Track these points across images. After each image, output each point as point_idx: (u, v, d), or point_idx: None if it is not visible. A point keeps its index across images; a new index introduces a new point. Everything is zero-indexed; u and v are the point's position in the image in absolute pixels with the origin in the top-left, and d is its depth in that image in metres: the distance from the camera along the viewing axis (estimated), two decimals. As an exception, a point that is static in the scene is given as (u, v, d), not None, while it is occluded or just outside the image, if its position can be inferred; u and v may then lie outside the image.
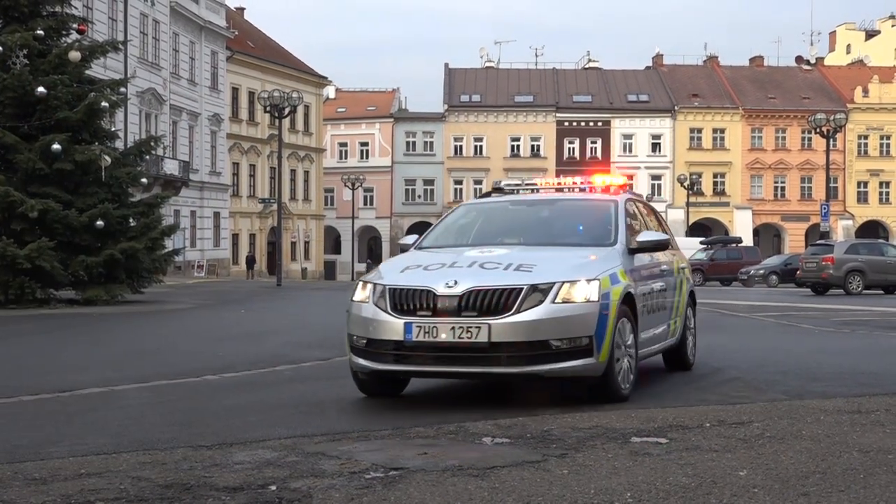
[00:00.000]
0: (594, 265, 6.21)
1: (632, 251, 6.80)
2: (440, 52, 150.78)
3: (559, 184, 8.07)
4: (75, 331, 14.09)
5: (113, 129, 24.25)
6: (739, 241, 48.49)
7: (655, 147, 66.27)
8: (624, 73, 69.88)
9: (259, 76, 55.22)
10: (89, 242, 20.23)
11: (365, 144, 68.98)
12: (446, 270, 6.06)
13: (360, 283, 6.38)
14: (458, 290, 5.80)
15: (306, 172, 61.73)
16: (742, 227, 63.17)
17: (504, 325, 5.71)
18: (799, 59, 73.58)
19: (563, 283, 5.87)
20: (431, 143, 67.54)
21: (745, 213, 65.38)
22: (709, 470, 4.27)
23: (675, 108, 65.93)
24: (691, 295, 8.48)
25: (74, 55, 20.35)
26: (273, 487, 3.97)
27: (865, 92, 66.38)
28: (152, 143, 24.23)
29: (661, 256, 7.53)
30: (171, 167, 42.45)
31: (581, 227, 7.28)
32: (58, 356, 10.29)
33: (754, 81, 68.65)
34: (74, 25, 22.03)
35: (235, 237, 54.01)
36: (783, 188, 66.64)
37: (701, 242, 46.35)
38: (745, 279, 39.00)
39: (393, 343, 5.92)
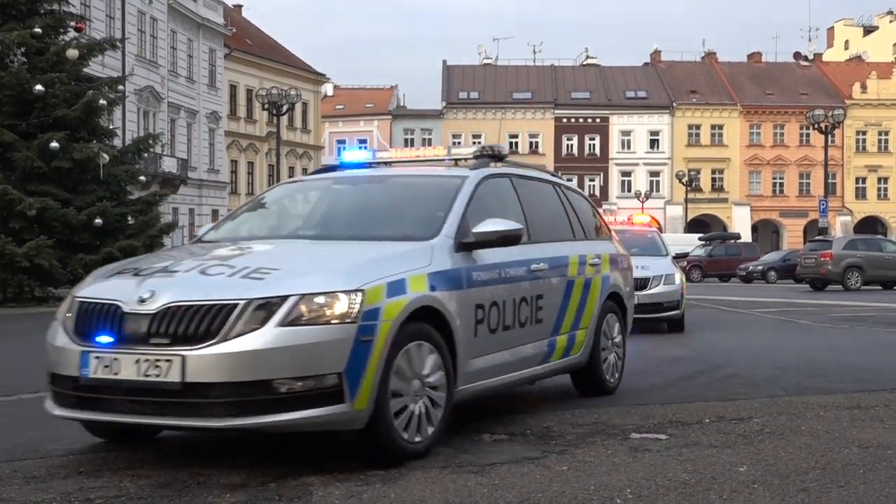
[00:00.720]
0: (367, 268, 4.42)
1: (466, 246, 5.02)
2: (438, 49, 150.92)
3: (419, 156, 6.45)
4: (74, 329, 14.05)
5: (111, 126, 24.24)
6: (738, 237, 48.52)
7: (654, 143, 66.26)
8: (622, 69, 69.84)
9: (257, 73, 55.15)
10: (88, 240, 20.22)
11: (363, 141, 68.88)
12: (153, 278, 4.41)
13: (69, 296, 4.80)
14: (152, 306, 4.14)
15: (304, 170, 61.70)
16: (740, 223, 63.21)
17: (204, 359, 3.97)
18: (797, 55, 73.57)
19: (302, 295, 4.11)
20: (430, 139, 67.49)
21: (743, 209, 65.38)
22: (708, 466, 4.27)
23: (674, 104, 65.91)
24: (614, 298, 6.62)
25: (72, 53, 20.33)
26: (273, 485, 3.98)
27: (863, 88, 66.37)
28: (150, 141, 24.23)
29: (543, 250, 5.81)
30: (169, 165, 42.42)
31: (404, 214, 5.49)
32: (57, 354, 10.25)
33: (752, 78, 68.63)
34: (72, 23, 22.02)
35: (234, 235, 53.96)
36: (781, 184, 66.64)
37: (699, 239, 46.47)
38: (743, 275, 39.02)
39: (71, 380, 4.30)
